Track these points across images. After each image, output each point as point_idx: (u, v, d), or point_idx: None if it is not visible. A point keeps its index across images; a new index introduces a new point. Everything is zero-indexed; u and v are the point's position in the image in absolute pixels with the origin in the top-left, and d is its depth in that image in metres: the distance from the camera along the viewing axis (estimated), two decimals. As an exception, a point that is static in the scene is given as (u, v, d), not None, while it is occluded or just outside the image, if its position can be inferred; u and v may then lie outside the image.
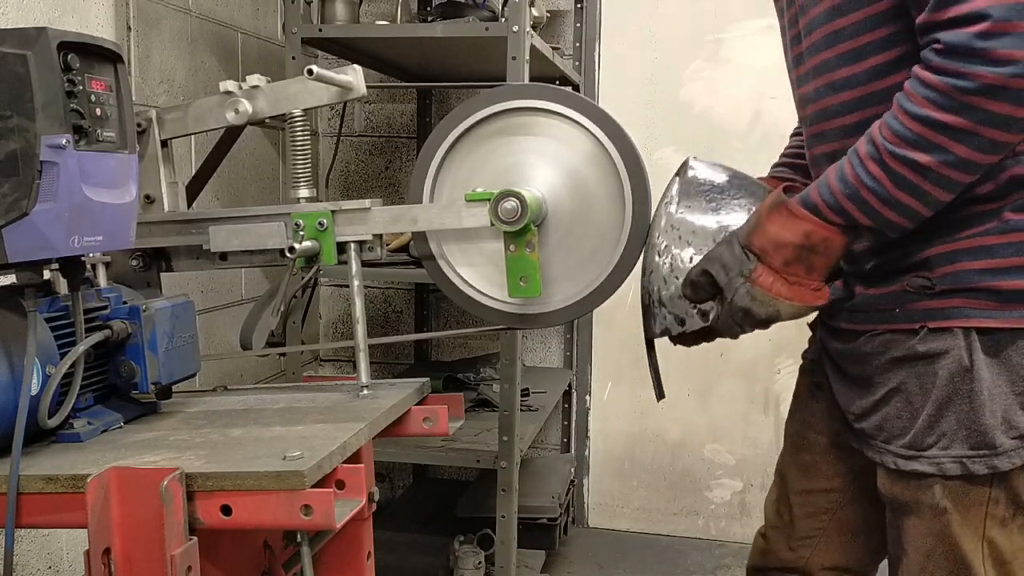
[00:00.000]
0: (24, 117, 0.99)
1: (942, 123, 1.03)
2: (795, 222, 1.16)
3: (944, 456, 1.16)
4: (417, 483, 3.37)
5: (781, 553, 1.46)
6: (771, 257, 1.17)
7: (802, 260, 1.16)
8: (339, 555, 1.36)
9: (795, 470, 1.46)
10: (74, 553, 2.00)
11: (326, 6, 2.41)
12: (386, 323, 3.36)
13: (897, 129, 1.06)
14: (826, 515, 1.43)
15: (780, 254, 1.16)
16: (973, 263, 1.14)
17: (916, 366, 1.18)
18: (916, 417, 1.18)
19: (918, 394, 1.18)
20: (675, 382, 3.18)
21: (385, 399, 1.29)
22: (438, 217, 1.35)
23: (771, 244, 1.17)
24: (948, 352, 1.15)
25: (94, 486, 0.95)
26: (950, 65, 1.01)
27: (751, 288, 1.19)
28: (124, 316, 1.18)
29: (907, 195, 1.08)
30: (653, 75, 3.09)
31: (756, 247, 1.18)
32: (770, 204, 1.18)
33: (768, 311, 1.20)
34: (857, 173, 1.11)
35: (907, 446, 1.19)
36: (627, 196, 1.33)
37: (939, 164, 1.05)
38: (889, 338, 1.21)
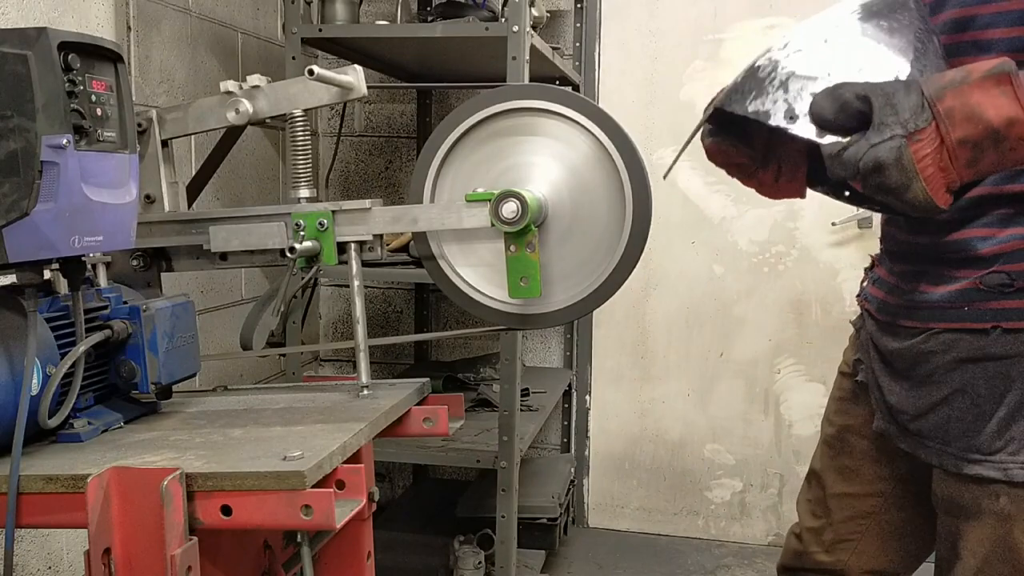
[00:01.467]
0: (24, 117, 0.99)
1: None
2: (1007, 102, 0.95)
3: (1012, 462, 1.12)
4: (417, 483, 3.37)
5: (817, 555, 1.44)
6: (954, 126, 0.96)
7: (979, 147, 0.97)
8: (339, 555, 1.36)
9: (833, 473, 1.43)
10: (74, 553, 2.00)
11: (326, 6, 2.41)
12: (386, 323, 3.36)
13: None
14: (866, 520, 1.40)
15: (964, 128, 0.96)
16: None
17: (986, 367, 1.13)
18: (984, 420, 1.13)
19: (987, 397, 1.13)
20: (675, 382, 3.19)
21: (385, 399, 1.29)
22: (438, 217, 1.35)
23: (963, 113, 0.96)
24: (1023, 355, 1.10)
25: (94, 486, 0.95)
26: None
27: (904, 146, 0.97)
28: (124, 316, 1.18)
29: None
30: (653, 75, 3.09)
31: (944, 105, 0.97)
32: (991, 69, 0.97)
33: (900, 181, 0.98)
34: None
35: (972, 449, 1.15)
36: (627, 196, 1.33)
37: None
38: (954, 337, 1.15)
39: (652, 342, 3.18)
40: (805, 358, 3.09)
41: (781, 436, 3.12)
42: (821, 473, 1.45)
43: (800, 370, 3.09)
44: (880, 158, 0.98)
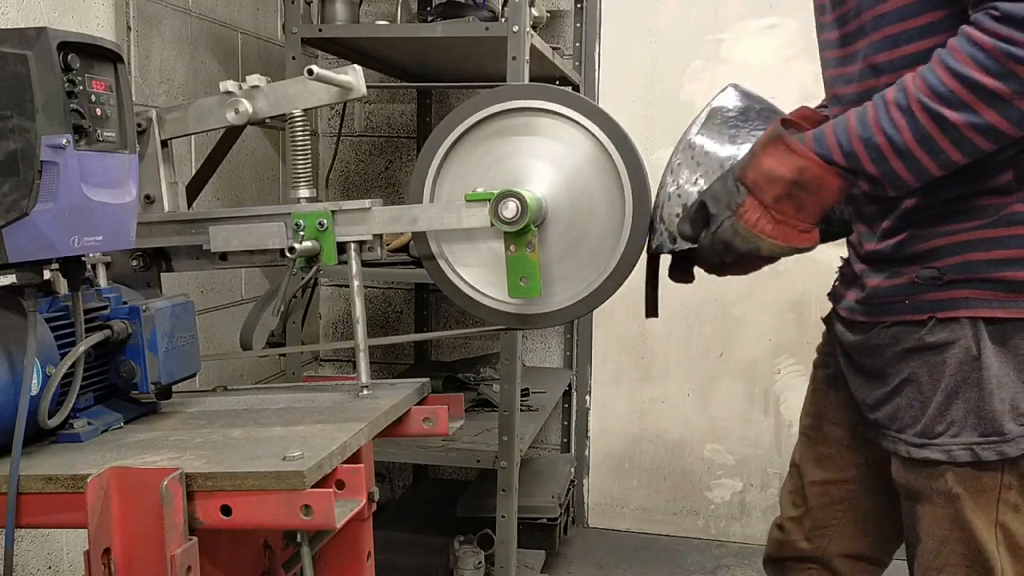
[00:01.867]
0: (24, 117, 0.99)
1: (982, 85, 1.02)
2: (790, 156, 1.14)
3: (954, 443, 1.18)
4: (417, 483, 3.37)
5: (798, 543, 1.48)
6: (762, 191, 1.15)
7: (793, 197, 1.14)
8: (339, 555, 1.36)
9: (810, 462, 1.48)
10: (74, 553, 2.00)
11: (326, 6, 2.41)
12: (386, 323, 3.36)
13: (932, 82, 1.06)
14: (841, 505, 1.45)
15: (771, 189, 1.15)
16: (981, 254, 1.15)
17: (926, 356, 1.19)
18: (927, 406, 1.19)
19: (928, 384, 1.19)
20: (675, 382, 3.19)
21: (385, 399, 1.29)
22: (438, 217, 1.35)
23: (763, 178, 1.15)
24: (956, 342, 1.16)
25: (94, 486, 0.95)
26: (1004, 31, 1.00)
27: (735, 223, 1.18)
28: (124, 316, 1.18)
29: (923, 150, 1.08)
30: (653, 75, 3.09)
31: (748, 180, 1.16)
32: (767, 137, 1.17)
33: (748, 247, 1.19)
34: (879, 118, 1.10)
35: (919, 434, 1.20)
36: (627, 196, 1.33)
37: (965, 125, 1.04)
38: (899, 330, 1.22)
39: (652, 342, 3.18)
40: (805, 358, 3.08)
41: (781, 436, 3.12)
42: (799, 463, 1.50)
43: (800, 370, 3.09)
44: (723, 239, 1.20)
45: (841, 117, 1.15)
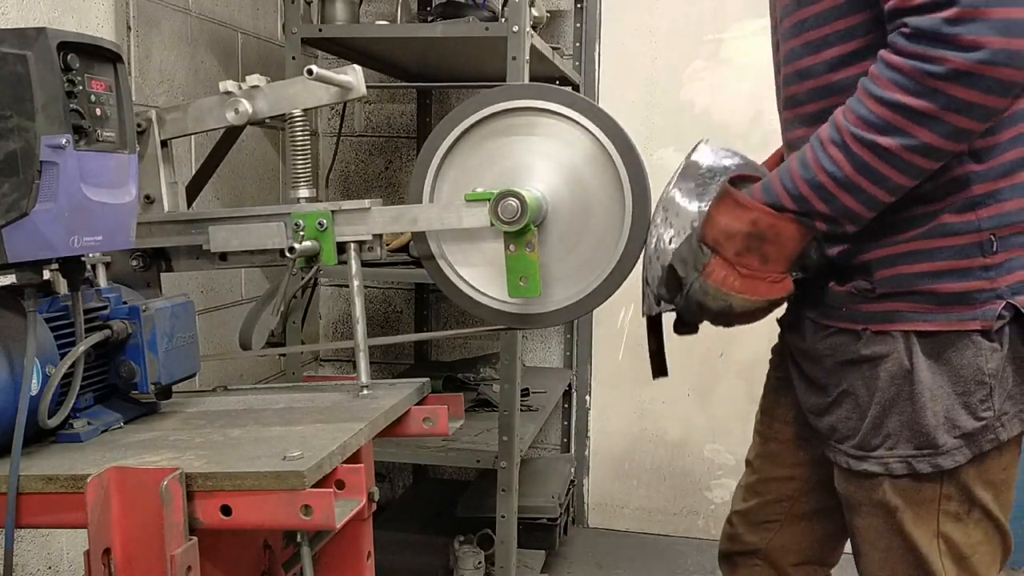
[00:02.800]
0: (24, 117, 0.99)
1: (908, 107, 1.03)
2: (741, 211, 1.15)
3: (890, 456, 1.19)
4: (417, 483, 3.37)
5: (744, 536, 1.50)
6: (724, 248, 1.16)
7: (754, 250, 1.15)
8: (339, 555, 1.36)
9: (761, 459, 1.49)
10: (74, 553, 2.00)
11: (326, 6, 2.41)
12: (386, 323, 3.36)
13: (861, 112, 1.06)
14: (787, 502, 1.45)
15: (731, 245, 1.16)
16: (911, 267, 1.16)
17: (861, 369, 1.20)
18: (863, 419, 1.20)
19: (864, 396, 1.20)
20: (675, 382, 3.18)
21: (385, 399, 1.29)
22: (438, 217, 1.35)
23: (722, 235, 1.16)
24: (889, 355, 1.17)
25: (94, 486, 0.95)
26: (918, 49, 1.01)
27: (703, 283, 1.18)
28: (124, 316, 1.18)
29: (867, 180, 1.08)
30: (653, 75, 3.09)
31: (709, 239, 1.17)
32: (718, 195, 1.18)
33: (720, 305, 1.20)
34: (818, 157, 1.11)
35: (857, 447, 1.22)
36: (627, 196, 1.33)
37: (901, 148, 1.05)
38: (838, 339, 1.23)
39: (652, 342, 3.18)
40: (805, 358, 3.09)
41: (781, 436, 3.12)
42: (752, 460, 1.52)
43: (800, 370, 3.09)
44: (695, 300, 1.21)
45: (784, 164, 1.16)
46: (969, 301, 1.14)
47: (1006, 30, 0.97)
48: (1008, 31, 0.97)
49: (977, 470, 1.18)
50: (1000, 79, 0.99)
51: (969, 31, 0.97)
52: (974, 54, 0.98)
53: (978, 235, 1.13)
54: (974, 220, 1.13)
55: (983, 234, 1.13)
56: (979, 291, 1.14)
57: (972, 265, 1.14)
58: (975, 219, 1.13)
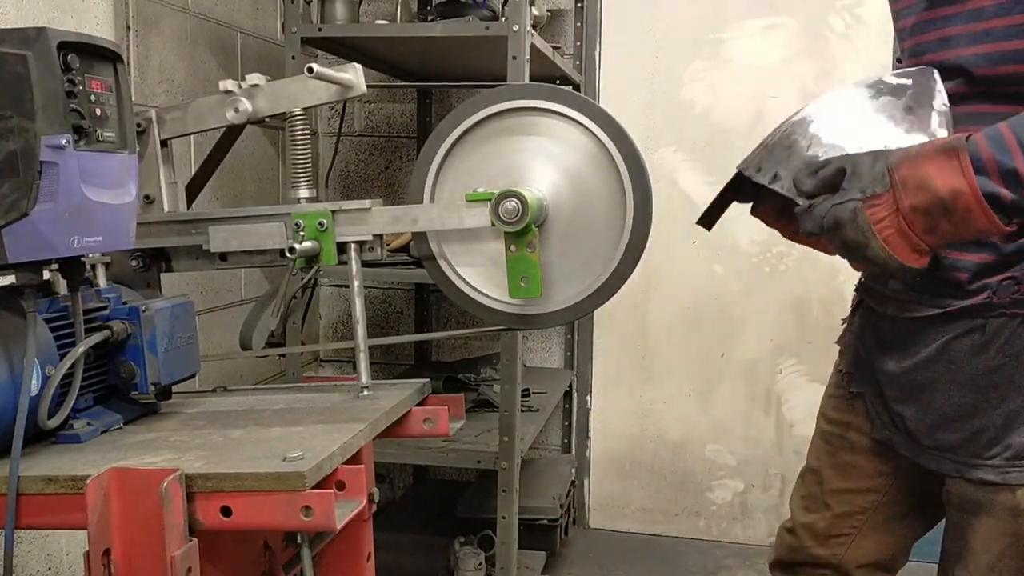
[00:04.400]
0: (24, 117, 0.99)
1: None
2: (954, 175, 1.02)
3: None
4: (417, 484, 3.37)
5: (812, 550, 1.46)
6: (906, 194, 1.04)
7: (931, 215, 1.04)
8: (339, 556, 1.35)
9: (831, 469, 1.45)
10: (74, 554, 2.00)
11: (326, 6, 2.41)
12: (386, 323, 3.35)
13: None
14: (863, 514, 1.42)
15: (916, 197, 1.04)
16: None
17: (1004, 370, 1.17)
18: (1009, 426, 1.17)
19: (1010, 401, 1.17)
20: (676, 382, 3.18)
21: (385, 400, 1.29)
22: (438, 217, 1.34)
23: (915, 182, 1.04)
24: None
25: (94, 487, 0.94)
26: None
27: (860, 210, 1.06)
28: (124, 317, 1.17)
29: None
30: (654, 75, 3.09)
31: (899, 175, 1.05)
32: (944, 144, 1.05)
33: (858, 239, 1.08)
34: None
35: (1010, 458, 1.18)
36: (628, 196, 1.33)
37: None
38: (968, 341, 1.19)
39: (653, 342, 3.18)
40: (806, 358, 3.09)
41: (782, 436, 3.11)
42: (819, 469, 1.47)
43: (801, 370, 3.09)
44: (838, 217, 1.08)
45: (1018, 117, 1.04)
46: None
47: None
48: None
49: None
50: None
51: None
52: None
53: None
54: None
55: None
56: None
57: None
58: None
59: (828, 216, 1.10)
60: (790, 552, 1.50)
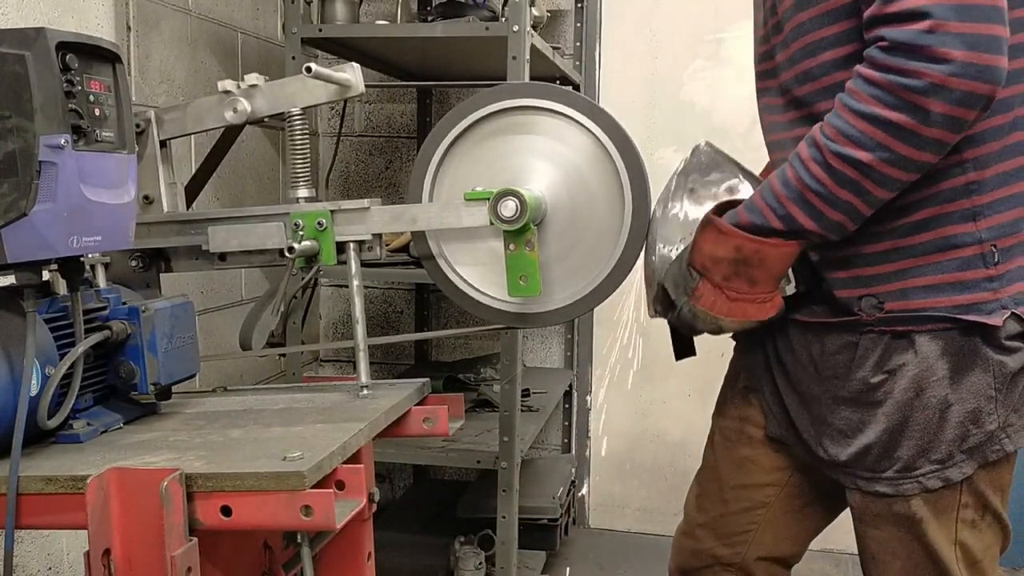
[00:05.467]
0: (23, 117, 0.99)
1: (887, 120, 1.04)
2: (724, 238, 1.18)
3: (927, 473, 1.19)
4: (417, 484, 3.37)
5: (715, 550, 1.45)
6: (711, 273, 1.19)
7: (741, 274, 1.18)
8: (339, 556, 1.35)
9: (729, 465, 1.45)
10: (74, 554, 2.00)
11: (326, 6, 2.41)
12: (386, 323, 3.35)
13: (840, 127, 1.08)
14: (763, 509, 1.42)
15: (719, 270, 1.19)
16: (917, 280, 1.16)
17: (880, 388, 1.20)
18: (894, 442, 1.19)
19: (891, 417, 1.20)
20: (676, 382, 3.18)
21: (385, 399, 1.29)
22: (437, 216, 1.34)
23: (709, 261, 1.19)
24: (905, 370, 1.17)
25: (94, 487, 0.94)
26: (895, 62, 1.02)
27: (692, 306, 1.22)
28: (123, 317, 1.17)
29: (850, 193, 1.10)
30: (654, 75, 3.09)
31: (697, 265, 1.21)
32: (702, 223, 1.21)
33: (710, 327, 1.25)
34: (800, 175, 1.12)
35: (899, 471, 1.20)
36: (627, 195, 1.33)
37: (880, 162, 1.06)
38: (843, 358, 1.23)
39: (653, 342, 3.18)
40: (806, 358, 3.08)
41: (782, 436, 3.11)
42: (715, 466, 1.47)
43: (801, 370, 3.09)
44: (686, 320, 1.25)
45: (764, 183, 1.18)
46: (975, 313, 1.13)
47: (973, 44, 0.99)
48: (975, 45, 0.99)
49: (989, 476, 1.19)
50: (967, 92, 1.00)
51: (941, 43, 0.99)
52: (945, 66, 0.99)
53: (980, 246, 1.13)
54: (975, 231, 1.14)
55: (984, 245, 1.13)
56: (984, 303, 1.14)
57: (976, 277, 1.14)
58: (975, 230, 1.14)
59: (683, 325, 1.27)
60: (692, 557, 1.48)
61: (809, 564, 1.71)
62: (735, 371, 1.48)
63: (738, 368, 1.47)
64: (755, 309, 1.20)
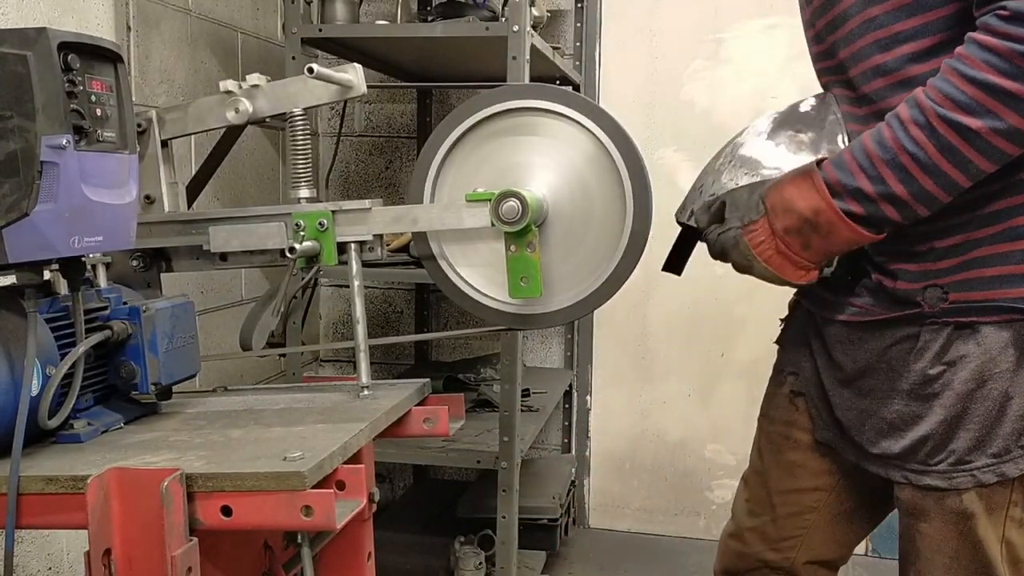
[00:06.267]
0: (24, 117, 0.99)
1: (1001, 88, 1.01)
2: (811, 194, 1.14)
3: (982, 467, 1.17)
4: (418, 484, 3.37)
5: (763, 554, 1.45)
6: (777, 218, 1.17)
7: (802, 233, 1.16)
8: (339, 556, 1.35)
9: (778, 470, 1.44)
10: (74, 554, 2.00)
11: (326, 6, 2.41)
12: (386, 323, 3.35)
13: (949, 92, 1.04)
14: (811, 514, 1.42)
15: (785, 219, 1.16)
16: (984, 271, 1.14)
17: (939, 380, 1.18)
18: (951, 433, 1.17)
19: (949, 407, 1.17)
20: (676, 382, 3.18)
21: (385, 400, 1.29)
22: (438, 217, 1.35)
23: (781, 206, 1.17)
24: (967, 362, 1.15)
25: (94, 487, 0.94)
26: (1015, 31, 0.99)
27: (739, 236, 1.21)
28: (124, 317, 1.17)
29: (949, 162, 1.06)
30: (654, 75, 3.09)
31: (769, 202, 1.18)
32: (800, 169, 1.17)
33: (743, 262, 1.23)
34: (898, 137, 1.08)
35: (953, 464, 1.18)
36: (628, 196, 1.33)
37: (989, 131, 1.03)
38: (901, 348, 1.20)
39: (653, 342, 3.18)
40: (806, 358, 3.08)
41: (782, 436, 3.11)
42: (764, 471, 1.46)
43: (801, 370, 3.09)
44: (723, 243, 1.24)
45: (856, 142, 1.14)
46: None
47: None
48: None
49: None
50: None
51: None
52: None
53: None
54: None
55: None
56: None
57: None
58: None
59: (716, 244, 1.26)
60: (738, 559, 1.48)
61: (809, 564, 1.70)
62: (779, 372, 1.47)
63: (783, 370, 1.46)
64: (793, 271, 1.19)
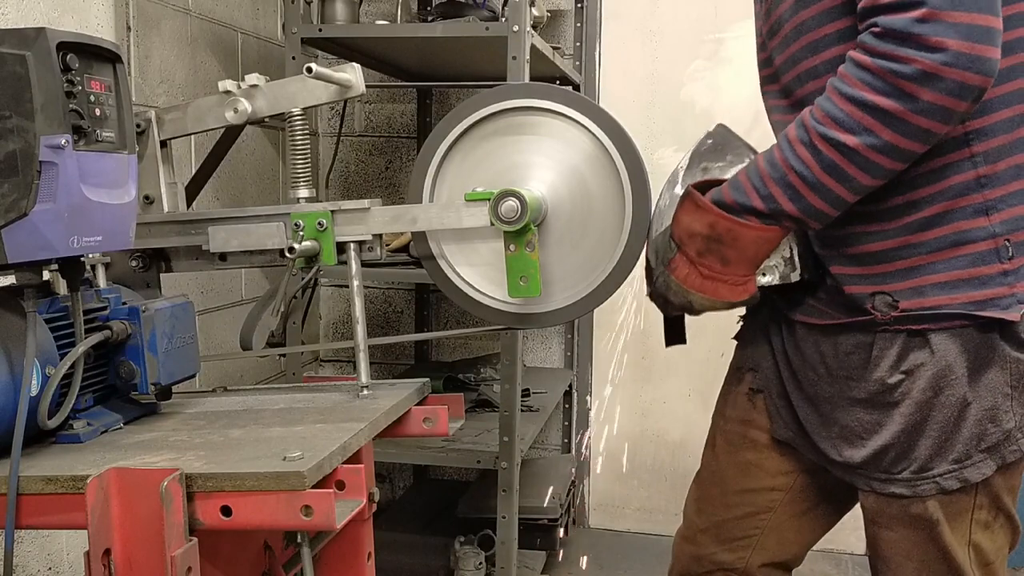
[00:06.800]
0: (23, 117, 0.99)
1: (874, 105, 1.04)
2: (700, 213, 1.18)
3: (945, 474, 1.17)
4: (417, 484, 3.37)
5: (718, 555, 1.43)
6: (687, 247, 1.20)
7: (713, 252, 1.18)
8: (339, 556, 1.35)
9: (733, 469, 1.43)
10: (74, 554, 2.00)
11: (326, 6, 2.41)
12: (386, 323, 3.35)
13: (830, 110, 1.07)
14: (767, 513, 1.41)
15: (693, 244, 1.19)
16: (930, 278, 1.15)
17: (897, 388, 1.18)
18: (912, 442, 1.18)
19: (908, 417, 1.18)
20: (676, 382, 3.18)
21: (385, 399, 1.29)
22: (438, 217, 1.34)
23: (685, 234, 1.20)
24: (922, 370, 1.16)
25: (94, 487, 0.94)
26: (886, 48, 1.02)
27: (668, 277, 1.23)
28: (124, 317, 1.18)
29: (833, 179, 1.09)
30: (654, 75, 3.09)
31: (675, 236, 1.21)
32: (681, 195, 1.21)
33: (681, 301, 1.24)
34: (786, 157, 1.12)
35: (915, 472, 1.18)
36: (627, 196, 1.33)
37: (866, 147, 1.06)
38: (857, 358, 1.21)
39: (653, 342, 3.18)
40: (806, 358, 3.08)
41: (782, 436, 3.11)
42: (718, 470, 1.45)
43: (801, 370, 3.09)
44: (660, 292, 1.27)
45: (751, 162, 1.18)
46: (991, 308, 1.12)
47: (967, 34, 0.98)
48: (969, 35, 0.98)
49: (1003, 478, 1.18)
50: (959, 82, 1.00)
51: (935, 31, 0.99)
52: (937, 55, 0.99)
53: (993, 241, 1.12)
54: (988, 226, 1.12)
55: (998, 240, 1.12)
56: (1000, 298, 1.12)
57: (991, 272, 1.12)
58: (988, 224, 1.12)
59: (656, 295, 1.28)
60: (694, 562, 1.46)
61: (810, 564, 1.69)
62: (737, 370, 1.46)
63: (741, 367, 1.45)
64: (727, 290, 1.20)
